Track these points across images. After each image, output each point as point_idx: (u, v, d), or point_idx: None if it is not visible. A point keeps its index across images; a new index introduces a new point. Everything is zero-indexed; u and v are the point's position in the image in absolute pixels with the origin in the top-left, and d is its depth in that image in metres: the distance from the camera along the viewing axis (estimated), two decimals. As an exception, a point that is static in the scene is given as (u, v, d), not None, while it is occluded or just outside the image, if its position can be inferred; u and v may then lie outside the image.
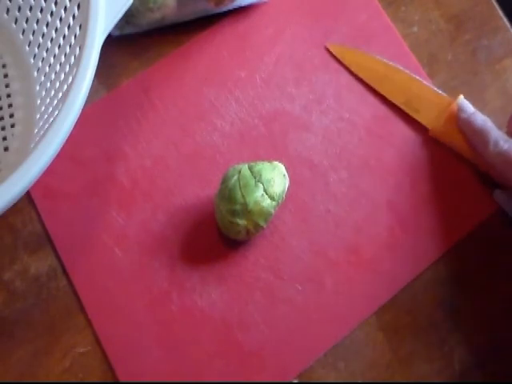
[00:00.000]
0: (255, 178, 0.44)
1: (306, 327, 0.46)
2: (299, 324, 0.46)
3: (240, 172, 0.44)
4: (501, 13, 0.55)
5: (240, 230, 0.44)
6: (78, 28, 0.43)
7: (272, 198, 0.44)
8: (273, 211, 0.44)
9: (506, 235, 0.49)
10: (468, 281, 0.48)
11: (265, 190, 0.43)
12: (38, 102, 0.48)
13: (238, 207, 0.43)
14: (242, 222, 0.43)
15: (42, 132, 0.44)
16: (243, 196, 0.43)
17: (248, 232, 0.44)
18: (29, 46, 0.49)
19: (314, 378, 0.45)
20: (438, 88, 0.52)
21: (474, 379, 0.46)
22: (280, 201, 0.45)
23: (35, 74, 0.49)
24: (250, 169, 0.44)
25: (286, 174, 0.46)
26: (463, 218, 0.49)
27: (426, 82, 0.51)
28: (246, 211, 0.43)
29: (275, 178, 0.44)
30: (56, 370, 0.45)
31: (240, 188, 0.43)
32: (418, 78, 0.51)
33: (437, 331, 0.47)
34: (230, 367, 0.45)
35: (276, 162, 0.46)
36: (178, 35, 0.52)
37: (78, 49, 0.41)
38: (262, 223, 0.44)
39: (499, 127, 0.50)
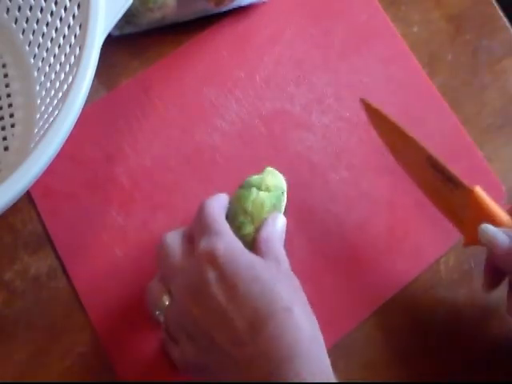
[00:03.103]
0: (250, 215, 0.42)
1: (306, 327, 0.46)
2: (299, 324, 0.46)
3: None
4: (501, 13, 0.55)
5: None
6: (78, 28, 0.43)
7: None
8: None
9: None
10: (469, 281, 0.48)
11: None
12: (38, 101, 0.48)
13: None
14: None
15: (41, 132, 0.44)
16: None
17: None
18: (29, 45, 0.49)
19: (314, 378, 0.45)
20: (438, 88, 0.52)
21: (474, 379, 0.46)
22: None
23: (35, 73, 0.49)
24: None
25: (285, 193, 0.44)
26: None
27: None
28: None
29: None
30: (56, 369, 0.44)
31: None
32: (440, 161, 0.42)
33: (437, 331, 0.47)
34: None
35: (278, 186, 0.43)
36: (177, 35, 0.52)
37: (77, 49, 0.41)
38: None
39: (499, 128, 0.50)
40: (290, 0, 0.54)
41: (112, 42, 0.45)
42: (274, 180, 0.43)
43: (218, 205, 0.41)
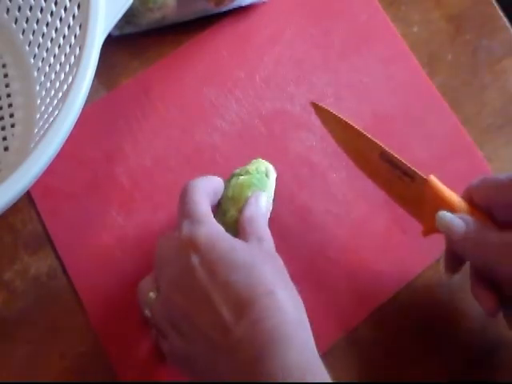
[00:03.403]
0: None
1: (306, 327, 0.46)
2: (299, 324, 0.46)
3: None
4: (501, 13, 0.55)
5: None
6: (78, 28, 0.43)
7: None
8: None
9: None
10: (468, 280, 0.48)
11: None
12: (38, 101, 0.48)
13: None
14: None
15: (41, 132, 0.44)
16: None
17: None
18: (29, 45, 0.49)
19: (314, 378, 0.45)
20: (438, 88, 0.52)
21: (475, 379, 0.46)
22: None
23: (35, 73, 0.49)
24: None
25: (271, 177, 0.45)
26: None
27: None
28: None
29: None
30: (56, 369, 0.45)
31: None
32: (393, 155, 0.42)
33: (437, 331, 0.47)
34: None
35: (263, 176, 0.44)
36: (177, 35, 0.52)
37: (78, 49, 0.41)
38: None
39: (499, 128, 0.50)
40: (290, 0, 0.54)
41: (112, 42, 0.45)
42: (256, 165, 0.45)
43: (201, 187, 0.41)
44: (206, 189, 0.41)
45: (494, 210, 0.40)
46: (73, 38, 0.43)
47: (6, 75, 0.50)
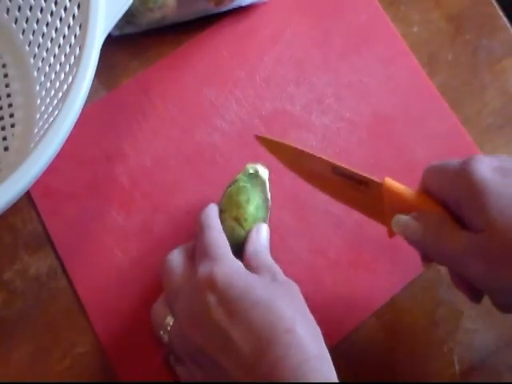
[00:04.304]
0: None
1: (306, 327, 0.46)
2: (299, 324, 0.46)
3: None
4: (501, 13, 0.55)
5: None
6: (78, 28, 0.43)
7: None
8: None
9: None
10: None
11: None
12: (38, 101, 0.48)
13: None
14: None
15: (42, 132, 0.44)
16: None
17: None
18: (29, 46, 0.49)
19: (314, 378, 0.45)
20: (438, 88, 0.52)
21: (474, 379, 0.46)
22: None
23: (35, 73, 0.49)
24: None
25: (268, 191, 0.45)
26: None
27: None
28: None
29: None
30: (56, 369, 0.45)
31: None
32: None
33: (437, 331, 0.47)
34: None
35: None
36: (177, 35, 0.52)
37: (77, 49, 0.41)
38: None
39: (499, 128, 0.50)
40: (290, 0, 0.54)
41: (112, 42, 0.45)
42: (243, 171, 0.45)
43: (217, 219, 0.42)
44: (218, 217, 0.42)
45: (448, 202, 0.38)
46: (73, 37, 0.43)
47: (6, 75, 0.50)
